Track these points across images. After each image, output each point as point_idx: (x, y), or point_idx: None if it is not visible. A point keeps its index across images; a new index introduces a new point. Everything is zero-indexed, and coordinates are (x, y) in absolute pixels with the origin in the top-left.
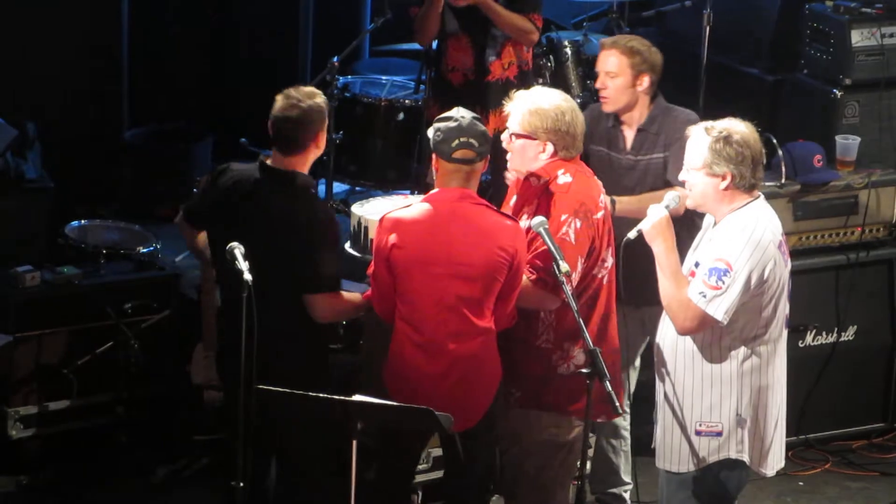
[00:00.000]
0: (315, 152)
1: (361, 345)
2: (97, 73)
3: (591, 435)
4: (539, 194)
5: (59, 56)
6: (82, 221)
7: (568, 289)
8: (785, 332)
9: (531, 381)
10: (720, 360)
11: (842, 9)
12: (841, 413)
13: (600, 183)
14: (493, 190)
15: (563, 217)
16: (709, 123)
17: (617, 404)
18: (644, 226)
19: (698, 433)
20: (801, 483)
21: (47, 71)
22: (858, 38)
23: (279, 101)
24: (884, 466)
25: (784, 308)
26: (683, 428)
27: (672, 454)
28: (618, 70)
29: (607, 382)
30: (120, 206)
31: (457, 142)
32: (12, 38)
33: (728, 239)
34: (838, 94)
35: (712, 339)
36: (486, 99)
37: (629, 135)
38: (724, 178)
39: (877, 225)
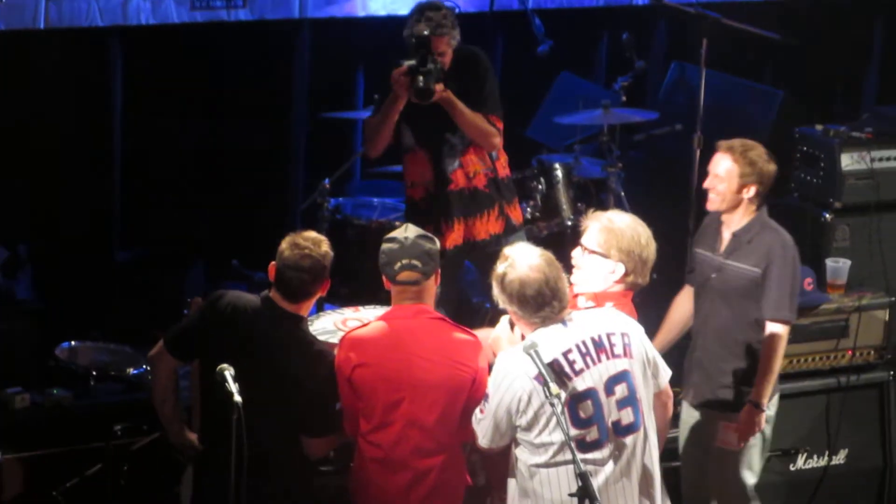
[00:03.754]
0: (318, 296)
1: (352, 467)
2: (89, 195)
3: None
4: None
5: (52, 178)
6: (72, 342)
7: (559, 410)
8: (585, 454)
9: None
10: (519, 474)
11: (832, 132)
12: None
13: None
14: (492, 313)
15: None
16: (507, 251)
17: None
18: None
19: None
20: None
21: (39, 192)
22: (848, 161)
23: (287, 250)
24: None
25: (564, 432)
26: None
27: None
28: (726, 176)
29: None
30: (111, 328)
31: (399, 264)
32: (3, 162)
33: (496, 366)
34: (829, 217)
35: (513, 455)
36: (451, 209)
37: (726, 236)
38: (509, 311)
39: (867, 348)
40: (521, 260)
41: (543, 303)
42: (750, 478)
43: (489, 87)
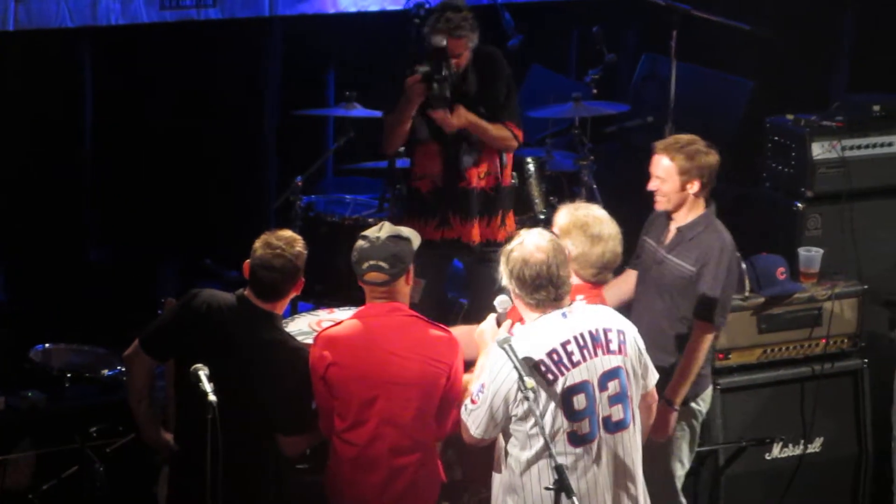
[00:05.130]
0: (293, 295)
1: (327, 466)
2: (60, 195)
3: None
4: None
5: (23, 179)
6: (46, 345)
7: (535, 406)
8: (576, 447)
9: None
10: (507, 469)
11: (802, 122)
12: None
13: None
14: (469, 307)
15: None
16: (522, 231)
17: None
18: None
19: None
20: None
21: (10, 193)
22: (819, 150)
23: (260, 249)
24: None
25: (560, 423)
26: None
27: None
28: (666, 175)
29: (574, 499)
30: (84, 328)
31: (366, 264)
32: None
33: (491, 355)
34: (800, 206)
35: (502, 447)
36: (461, 205)
37: (672, 230)
38: (510, 289)
39: (841, 336)
40: (531, 240)
41: (540, 285)
42: (678, 469)
43: (509, 93)
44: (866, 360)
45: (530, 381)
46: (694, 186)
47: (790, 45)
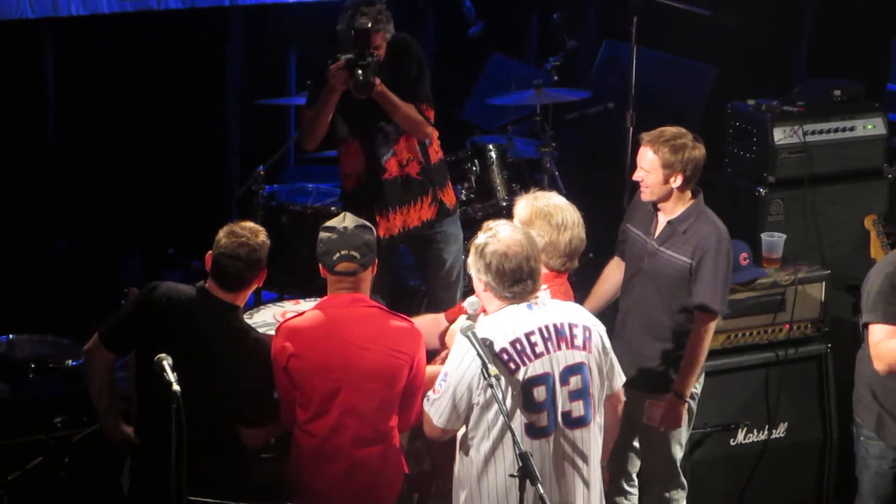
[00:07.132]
0: (255, 286)
1: (289, 458)
2: (24, 185)
3: None
4: None
5: None
6: (10, 335)
7: (498, 393)
8: (533, 439)
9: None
10: (465, 459)
11: (763, 107)
12: None
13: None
14: (428, 297)
15: None
16: (490, 223)
17: None
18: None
19: None
20: None
21: None
22: (781, 135)
23: (224, 238)
24: None
25: (518, 414)
26: None
27: None
28: (651, 168)
29: (539, 486)
30: (49, 319)
31: (338, 255)
32: None
33: (455, 344)
34: (763, 191)
35: (460, 435)
36: (385, 197)
37: (661, 222)
38: (480, 281)
39: (805, 322)
40: (505, 233)
41: (520, 278)
42: (678, 452)
43: (421, 76)
44: (830, 345)
45: (494, 369)
46: (677, 180)
47: (751, 31)
